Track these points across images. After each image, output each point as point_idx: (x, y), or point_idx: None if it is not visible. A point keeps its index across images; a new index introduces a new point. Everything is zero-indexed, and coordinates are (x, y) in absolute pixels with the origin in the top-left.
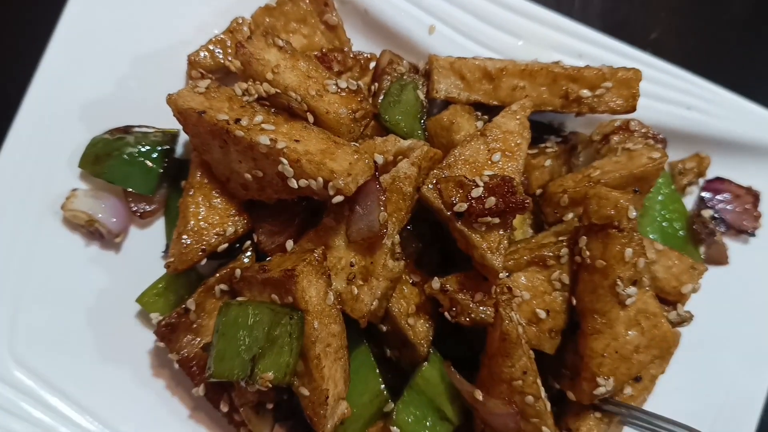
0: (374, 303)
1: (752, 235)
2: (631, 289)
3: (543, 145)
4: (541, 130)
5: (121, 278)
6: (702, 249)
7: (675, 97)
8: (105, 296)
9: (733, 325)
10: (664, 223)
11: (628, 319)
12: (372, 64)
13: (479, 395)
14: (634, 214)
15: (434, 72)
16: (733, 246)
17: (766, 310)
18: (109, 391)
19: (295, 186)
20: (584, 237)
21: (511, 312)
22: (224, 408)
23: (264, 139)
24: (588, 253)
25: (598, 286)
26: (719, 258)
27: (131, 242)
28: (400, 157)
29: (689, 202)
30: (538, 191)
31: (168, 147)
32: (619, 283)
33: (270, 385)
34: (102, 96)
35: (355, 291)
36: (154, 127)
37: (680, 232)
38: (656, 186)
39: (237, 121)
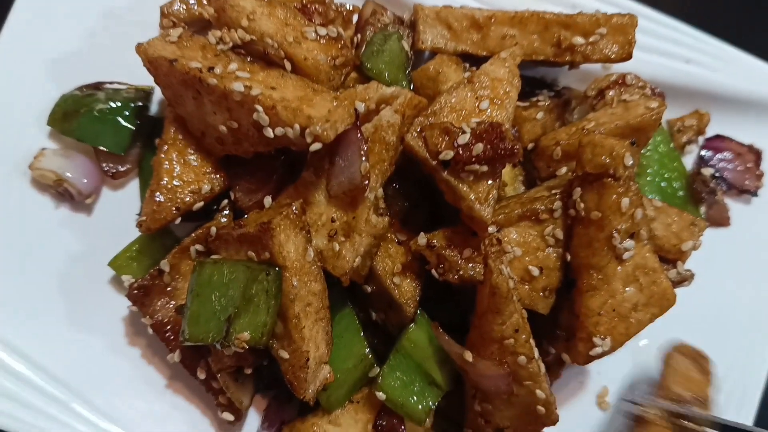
0: (357, 260)
1: (754, 194)
2: (629, 243)
3: (534, 98)
4: (533, 85)
5: (94, 242)
6: (702, 209)
7: (673, 50)
8: (76, 261)
9: (736, 288)
10: (662, 183)
11: (625, 274)
12: (355, 17)
13: (469, 356)
14: (631, 161)
15: (419, 21)
16: (734, 206)
17: (765, 271)
18: (81, 359)
19: (271, 135)
20: (578, 188)
21: (500, 265)
22: (201, 375)
23: (238, 86)
24: (582, 205)
25: (593, 239)
26: (720, 219)
27: (104, 204)
28: (383, 105)
29: (689, 161)
30: (530, 145)
31: (141, 104)
32: (615, 235)
33: (246, 346)
34: (72, 51)
35: (337, 248)
36: (127, 84)
37: (679, 192)
38: (654, 144)
39: (210, 69)
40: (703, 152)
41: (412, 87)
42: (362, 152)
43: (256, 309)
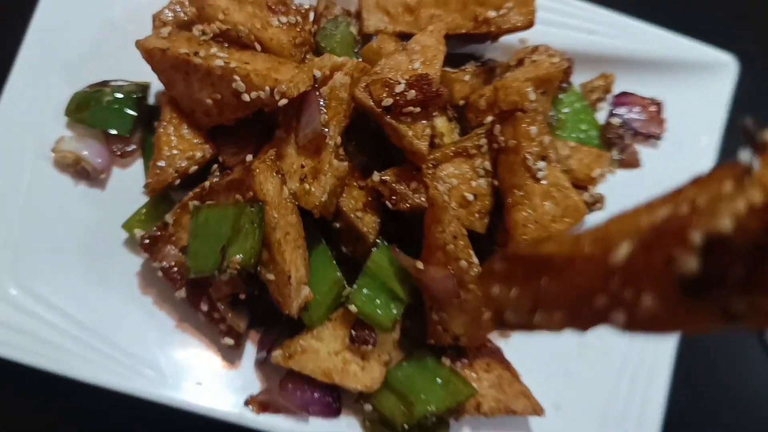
0: (324, 196)
1: (659, 138)
2: (541, 164)
3: (463, 68)
4: (463, 59)
5: (108, 211)
6: (615, 153)
7: (577, 24)
8: (95, 228)
9: None
10: (580, 135)
11: (542, 191)
12: (312, 15)
13: (420, 265)
14: (534, 97)
15: (363, 10)
16: (644, 151)
17: None
18: (103, 308)
19: (248, 99)
20: (498, 125)
21: (435, 182)
22: (204, 307)
23: (219, 63)
24: (502, 138)
25: (513, 163)
26: (631, 161)
27: (115, 181)
28: (336, 72)
29: (602, 117)
30: (461, 102)
31: (141, 95)
32: (528, 158)
33: (239, 267)
34: (81, 57)
35: (307, 187)
36: (128, 80)
37: (594, 141)
38: (569, 103)
39: (196, 53)
40: (611, 107)
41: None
42: (321, 108)
43: (245, 237)
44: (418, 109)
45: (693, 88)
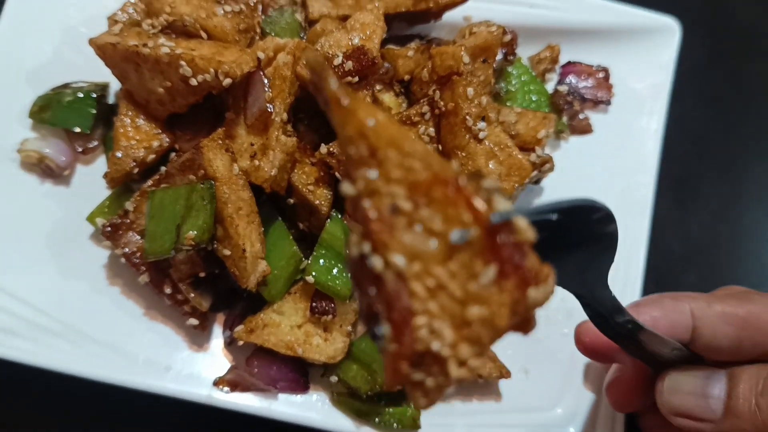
0: (273, 171)
1: (608, 103)
2: (482, 124)
3: (408, 45)
4: (408, 39)
5: (73, 206)
6: (565, 119)
7: None
8: (61, 223)
9: (602, 181)
10: (531, 105)
11: (485, 152)
12: (260, 8)
13: None
14: (468, 60)
15: None
16: (596, 116)
17: (626, 164)
18: (71, 300)
19: (195, 83)
20: (437, 91)
21: None
22: (168, 290)
23: (165, 50)
24: (442, 102)
25: (453, 125)
26: (583, 127)
27: (79, 177)
28: (280, 53)
29: (551, 88)
30: (407, 77)
31: (101, 94)
32: (468, 118)
33: (193, 243)
34: (44, 64)
35: (257, 163)
36: (88, 81)
37: (544, 108)
38: (517, 76)
39: (144, 45)
40: (559, 77)
41: None
42: (266, 87)
43: (197, 213)
44: (356, 79)
45: (639, 53)
